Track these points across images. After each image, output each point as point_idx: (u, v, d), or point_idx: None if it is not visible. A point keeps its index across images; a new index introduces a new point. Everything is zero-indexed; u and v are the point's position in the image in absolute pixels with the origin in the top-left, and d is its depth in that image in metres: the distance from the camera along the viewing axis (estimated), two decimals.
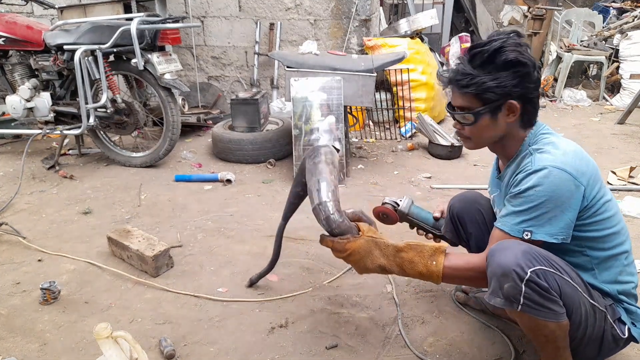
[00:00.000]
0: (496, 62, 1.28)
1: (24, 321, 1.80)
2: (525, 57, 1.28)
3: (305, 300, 1.92)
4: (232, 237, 2.45)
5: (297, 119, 3.16)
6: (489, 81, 1.28)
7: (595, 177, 1.29)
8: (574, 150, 1.30)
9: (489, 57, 1.28)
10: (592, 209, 1.28)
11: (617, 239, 1.34)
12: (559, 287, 1.20)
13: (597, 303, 1.29)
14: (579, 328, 1.27)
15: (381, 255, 1.38)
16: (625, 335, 1.33)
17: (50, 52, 3.29)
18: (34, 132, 3.36)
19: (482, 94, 1.30)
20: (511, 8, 8.16)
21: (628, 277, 1.37)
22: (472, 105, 1.33)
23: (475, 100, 1.32)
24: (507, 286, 1.18)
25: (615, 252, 1.34)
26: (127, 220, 2.66)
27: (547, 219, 1.24)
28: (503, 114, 1.33)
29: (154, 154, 3.44)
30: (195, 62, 4.90)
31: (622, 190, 2.96)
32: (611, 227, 1.32)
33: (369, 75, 3.14)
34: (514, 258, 1.18)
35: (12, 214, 2.73)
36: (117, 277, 2.09)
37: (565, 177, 1.23)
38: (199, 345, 1.67)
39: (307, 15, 4.51)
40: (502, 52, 1.27)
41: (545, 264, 1.20)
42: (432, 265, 1.33)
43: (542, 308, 1.19)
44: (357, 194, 2.98)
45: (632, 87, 5.09)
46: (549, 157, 1.27)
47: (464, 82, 1.32)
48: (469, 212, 1.71)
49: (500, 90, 1.28)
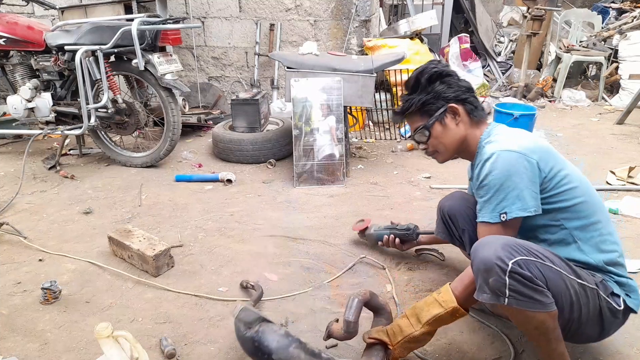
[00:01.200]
0: (422, 81, 1.53)
1: (24, 321, 1.81)
2: (445, 68, 1.54)
3: (305, 300, 1.93)
4: (232, 237, 2.46)
5: (297, 120, 3.17)
6: (424, 96, 1.52)
7: (546, 153, 1.39)
8: (519, 135, 1.44)
9: (415, 80, 1.55)
10: (553, 180, 1.36)
11: (588, 208, 1.39)
12: (542, 274, 1.22)
13: (586, 282, 1.31)
14: (572, 309, 1.29)
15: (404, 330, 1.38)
16: (621, 306, 1.35)
17: (51, 53, 3.30)
18: (35, 132, 3.37)
19: (423, 108, 1.53)
20: (510, 9, 8.17)
21: (612, 246, 1.39)
22: (422, 122, 1.55)
23: (422, 117, 1.55)
24: (492, 280, 1.21)
25: (591, 221, 1.38)
26: (127, 220, 2.67)
27: (514, 196, 1.33)
28: (449, 118, 1.52)
29: (155, 154, 3.45)
30: (196, 62, 4.91)
31: (621, 190, 2.97)
32: (578, 196, 1.38)
33: (369, 76, 3.15)
34: (494, 252, 1.22)
35: (13, 214, 2.74)
36: (118, 276, 2.10)
37: (514, 156, 1.34)
38: (200, 344, 1.68)
39: (307, 16, 4.52)
40: (424, 72, 1.53)
41: (525, 253, 1.23)
42: (440, 295, 1.35)
43: (528, 299, 1.20)
44: (357, 194, 2.99)
45: (631, 87, 5.10)
46: (495, 144, 1.41)
47: (406, 106, 1.56)
48: (459, 209, 1.79)
49: (435, 99, 1.51)
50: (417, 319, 1.37)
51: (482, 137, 1.51)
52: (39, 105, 3.36)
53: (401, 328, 1.38)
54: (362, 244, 2.34)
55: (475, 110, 1.53)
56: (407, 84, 1.59)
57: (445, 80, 1.52)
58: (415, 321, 1.37)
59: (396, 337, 1.38)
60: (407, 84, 1.59)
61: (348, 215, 2.69)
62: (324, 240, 2.40)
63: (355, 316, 1.36)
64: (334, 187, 3.10)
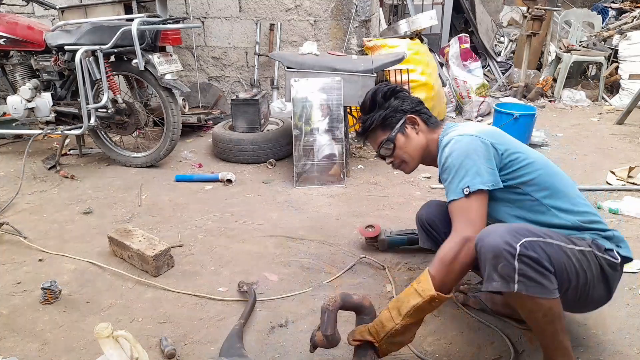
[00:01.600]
0: (378, 99, 1.66)
1: (24, 321, 1.81)
2: (396, 86, 1.70)
3: (305, 300, 1.93)
4: (232, 237, 2.46)
5: (297, 120, 3.17)
6: (383, 111, 1.65)
7: (500, 136, 1.49)
8: (472, 124, 1.57)
9: (372, 100, 1.67)
10: (510, 157, 1.45)
11: (549, 178, 1.46)
12: (545, 252, 1.25)
13: (582, 247, 1.35)
14: (579, 277, 1.32)
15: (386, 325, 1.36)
16: (618, 258, 1.39)
17: (51, 53, 3.30)
18: (35, 132, 3.37)
19: (384, 123, 1.65)
20: (510, 9, 8.17)
21: (584, 207, 1.45)
22: (385, 135, 1.65)
23: (384, 131, 1.66)
24: (501, 266, 1.23)
25: (557, 189, 1.45)
26: (127, 220, 2.67)
27: (474, 172, 1.39)
28: (409, 128, 1.64)
29: (155, 154, 3.45)
30: (196, 62, 4.91)
31: (621, 190, 2.97)
32: (537, 169, 1.45)
33: (369, 76, 3.15)
34: (500, 238, 1.24)
35: (13, 214, 2.74)
36: (118, 276, 2.10)
37: (468, 139, 1.45)
38: (200, 344, 1.68)
39: (307, 16, 4.52)
40: (378, 92, 1.67)
41: (528, 234, 1.27)
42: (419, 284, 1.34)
43: (535, 284, 1.23)
44: (357, 194, 2.99)
45: (631, 87, 5.10)
46: (450, 134, 1.52)
47: (367, 124, 1.68)
48: (436, 214, 1.84)
49: (394, 113, 1.64)
50: (397, 311, 1.35)
51: (440, 137, 1.60)
52: (39, 105, 3.36)
53: (383, 324, 1.36)
54: (362, 244, 2.34)
55: (430, 118, 1.67)
56: (362, 107, 1.71)
57: (398, 95, 1.67)
58: (397, 314, 1.35)
59: (379, 334, 1.36)
60: (362, 107, 1.71)
61: (348, 215, 2.69)
62: (324, 240, 2.40)
63: (332, 328, 1.36)
64: (334, 187, 3.10)
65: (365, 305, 1.45)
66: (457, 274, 1.33)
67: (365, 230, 2.28)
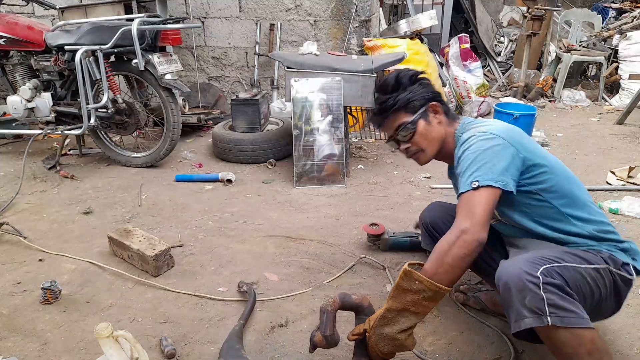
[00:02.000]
0: (403, 81, 1.57)
1: (24, 321, 1.81)
2: (420, 72, 1.62)
3: (305, 300, 1.93)
4: (232, 237, 2.46)
5: (297, 120, 3.17)
6: (407, 94, 1.55)
7: (523, 137, 1.43)
8: (493, 124, 1.49)
9: (396, 81, 1.57)
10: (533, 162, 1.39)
11: (568, 186, 1.42)
12: (563, 277, 1.21)
13: (597, 264, 1.31)
14: (593, 295, 1.29)
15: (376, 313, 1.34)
16: (633, 275, 1.36)
17: (51, 53, 3.30)
18: (35, 132, 3.37)
19: (407, 105, 1.54)
20: (510, 9, 8.16)
21: (599, 217, 1.42)
22: (406, 119, 1.55)
23: (405, 114, 1.55)
24: (529, 299, 1.17)
25: (574, 196, 1.42)
26: (127, 220, 2.67)
27: (488, 168, 1.33)
28: (431, 116, 1.56)
29: (155, 154, 3.45)
30: (196, 62, 4.91)
31: (621, 190, 2.97)
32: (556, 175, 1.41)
33: (369, 76, 3.15)
34: (519, 269, 1.20)
35: (13, 214, 2.74)
36: (118, 276, 2.10)
37: (490, 136, 1.39)
38: (200, 344, 1.68)
39: (307, 16, 4.52)
40: (404, 73, 1.59)
41: (543, 261, 1.23)
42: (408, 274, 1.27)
43: (568, 313, 1.16)
44: (357, 194, 2.99)
45: (631, 87, 5.10)
46: (472, 131, 1.46)
47: (389, 104, 1.56)
48: (441, 217, 1.80)
49: (418, 97, 1.55)
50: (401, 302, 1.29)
51: (457, 130, 1.57)
52: (39, 105, 3.35)
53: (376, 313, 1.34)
54: (362, 244, 2.34)
55: (449, 110, 1.62)
56: (383, 86, 1.60)
57: (422, 82, 1.59)
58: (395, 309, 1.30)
59: (370, 322, 1.33)
60: (383, 86, 1.60)
61: (348, 215, 2.69)
62: (324, 240, 2.40)
63: (331, 328, 1.36)
64: (334, 187, 3.10)
65: (364, 305, 1.45)
66: (450, 266, 1.24)
67: (369, 227, 2.28)
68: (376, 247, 2.30)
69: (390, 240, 2.25)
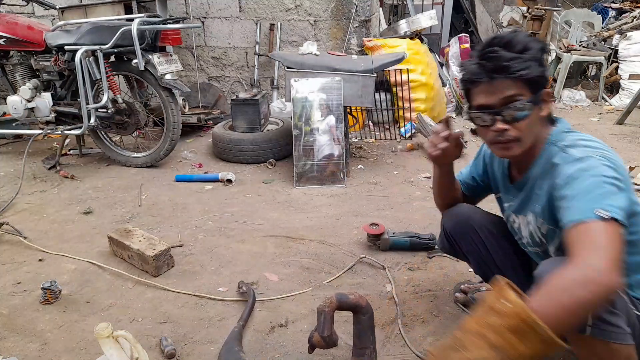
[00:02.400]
0: (534, 48, 1.15)
1: (24, 321, 1.81)
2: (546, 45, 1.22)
3: (305, 300, 1.93)
4: (232, 237, 2.46)
5: (297, 119, 3.17)
6: (539, 67, 1.15)
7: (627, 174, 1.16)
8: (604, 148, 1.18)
9: (525, 45, 1.15)
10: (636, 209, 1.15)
11: None
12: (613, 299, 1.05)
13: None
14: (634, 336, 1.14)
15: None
16: None
17: (51, 53, 3.30)
18: (35, 132, 3.37)
19: (533, 79, 1.15)
20: (510, 9, 8.15)
21: None
22: (524, 92, 1.15)
23: (525, 87, 1.15)
24: None
25: None
26: (127, 220, 2.67)
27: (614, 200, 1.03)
28: (544, 103, 1.21)
29: (155, 154, 3.45)
30: (196, 62, 4.91)
31: None
32: None
33: (369, 76, 3.15)
34: None
35: (13, 214, 2.74)
36: (118, 276, 2.10)
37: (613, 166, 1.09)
38: (200, 344, 1.68)
39: (307, 16, 4.52)
40: (536, 41, 1.17)
41: None
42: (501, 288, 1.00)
43: (611, 326, 1.04)
44: (357, 194, 2.99)
45: (631, 87, 5.09)
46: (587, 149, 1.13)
47: (516, 66, 1.12)
48: (462, 234, 1.57)
49: (545, 75, 1.18)
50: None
51: (549, 138, 1.25)
52: (39, 105, 3.35)
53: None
54: (362, 244, 2.34)
55: None
56: (508, 42, 1.16)
57: (543, 59, 1.19)
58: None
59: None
60: (508, 42, 1.16)
61: (348, 215, 2.69)
62: (324, 240, 2.40)
63: (329, 329, 1.37)
64: (334, 187, 3.10)
65: (361, 305, 1.46)
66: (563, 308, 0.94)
67: (369, 227, 2.28)
68: (376, 247, 2.30)
69: (390, 240, 2.25)
